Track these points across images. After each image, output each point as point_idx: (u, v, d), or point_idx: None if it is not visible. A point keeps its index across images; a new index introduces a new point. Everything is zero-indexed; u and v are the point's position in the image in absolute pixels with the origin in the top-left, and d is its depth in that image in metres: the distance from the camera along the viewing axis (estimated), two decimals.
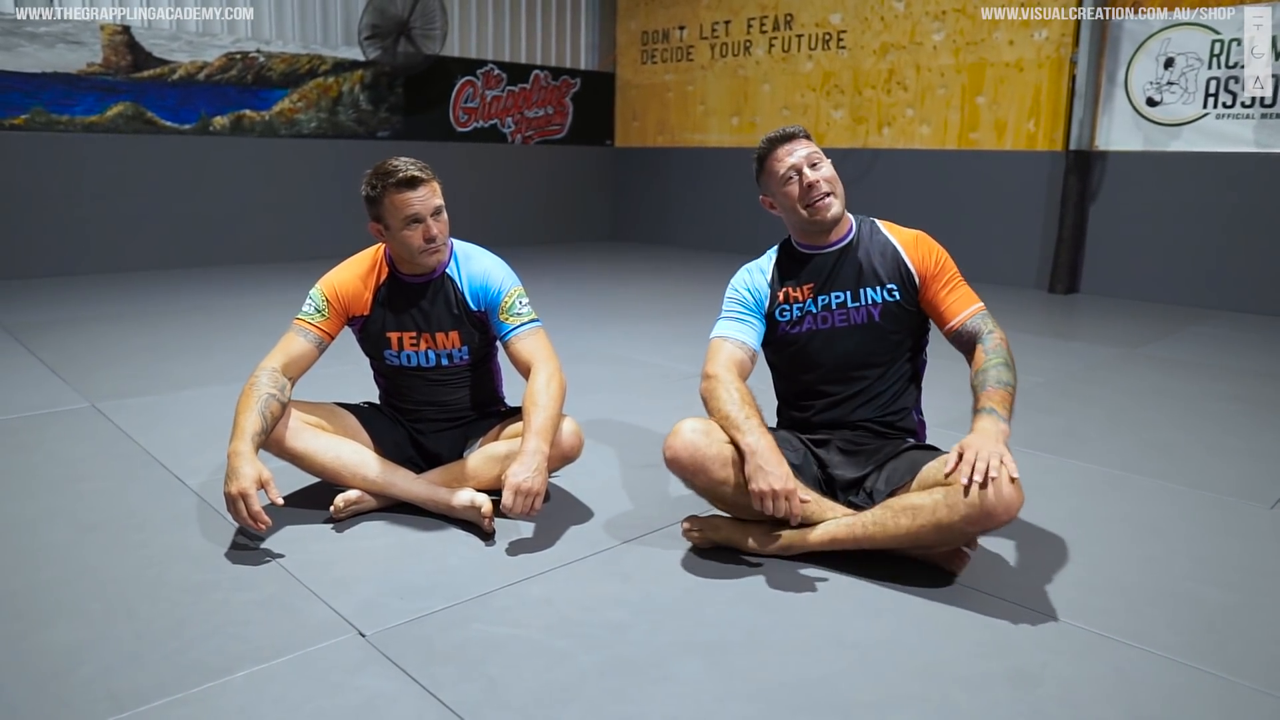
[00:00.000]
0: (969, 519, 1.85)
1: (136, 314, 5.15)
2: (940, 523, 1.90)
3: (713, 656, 1.72)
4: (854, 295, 2.23)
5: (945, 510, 1.88)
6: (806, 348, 2.26)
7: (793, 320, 2.27)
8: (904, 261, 2.23)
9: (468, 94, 8.57)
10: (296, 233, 7.52)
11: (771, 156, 2.23)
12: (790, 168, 2.20)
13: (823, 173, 2.20)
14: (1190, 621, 1.88)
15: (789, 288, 2.27)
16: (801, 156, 2.20)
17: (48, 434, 3.00)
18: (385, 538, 2.24)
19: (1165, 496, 2.62)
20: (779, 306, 2.28)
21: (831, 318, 2.24)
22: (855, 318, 2.23)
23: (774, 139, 2.24)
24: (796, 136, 2.23)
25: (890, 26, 7.39)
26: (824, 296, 2.24)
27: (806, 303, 2.25)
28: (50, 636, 1.75)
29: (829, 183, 2.20)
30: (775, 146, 2.23)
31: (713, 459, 2.05)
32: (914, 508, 1.95)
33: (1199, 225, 6.05)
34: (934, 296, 2.21)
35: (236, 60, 7.15)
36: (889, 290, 2.22)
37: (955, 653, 1.75)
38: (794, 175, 2.20)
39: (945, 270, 2.22)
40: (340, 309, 2.38)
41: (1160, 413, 3.49)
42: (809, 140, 2.25)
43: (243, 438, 2.12)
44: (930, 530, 1.92)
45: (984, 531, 1.91)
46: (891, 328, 2.23)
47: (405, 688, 1.60)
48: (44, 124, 6.34)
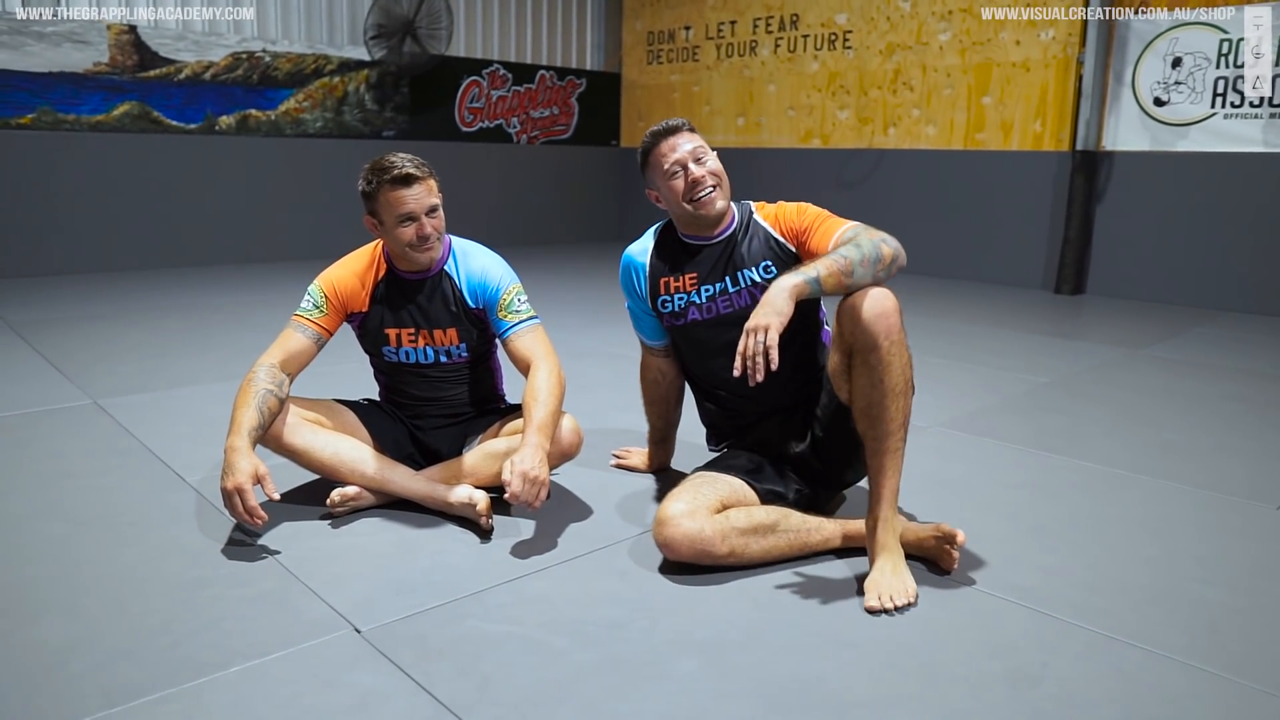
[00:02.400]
0: (877, 332, 1.87)
1: (139, 312, 5.16)
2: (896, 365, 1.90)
3: (710, 655, 1.70)
4: (733, 280, 2.22)
5: (872, 319, 1.88)
6: (696, 337, 2.28)
7: (675, 312, 2.28)
8: (773, 237, 2.22)
9: (473, 94, 8.57)
10: (301, 232, 7.53)
11: (655, 150, 2.22)
12: (675, 162, 2.19)
13: (708, 166, 2.20)
14: (1193, 622, 1.86)
15: (670, 278, 2.29)
16: (686, 151, 2.19)
17: (48, 429, 3.00)
18: (382, 534, 2.23)
19: (1170, 497, 2.60)
20: (660, 298, 2.30)
21: (716, 306, 2.24)
22: (738, 302, 2.22)
23: (658, 132, 2.23)
24: (680, 130, 2.22)
25: (896, 27, 7.37)
26: (708, 287, 2.24)
27: (690, 294, 2.26)
28: (43, 631, 1.74)
29: (714, 176, 2.20)
30: (659, 140, 2.22)
31: (710, 539, 1.96)
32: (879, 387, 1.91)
33: (1207, 226, 6.01)
34: (808, 246, 2.14)
35: (242, 60, 7.16)
36: (764, 268, 2.21)
37: (954, 652, 1.73)
38: (679, 170, 2.19)
39: (807, 217, 2.18)
40: (339, 305, 2.37)
41: (1165, 413, 3.46)
42: (693, 133, 2.23)
43: (240, 433, 2.11)
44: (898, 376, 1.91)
45: (890, 326, 1.89)
46: None
47: (400, 684, 1.59)
48: (50, 123, 6.36)
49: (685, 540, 1.96)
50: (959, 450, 2.96)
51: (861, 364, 1.93)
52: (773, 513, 2.06)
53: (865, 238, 1.99)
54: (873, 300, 1.90)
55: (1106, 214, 6.43)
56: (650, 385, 2.55)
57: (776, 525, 2.04)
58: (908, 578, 1.92)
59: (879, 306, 1.89)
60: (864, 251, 1.93)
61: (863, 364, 1.93)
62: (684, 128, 2.23)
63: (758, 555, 2.03)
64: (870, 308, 1.89)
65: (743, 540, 2.00)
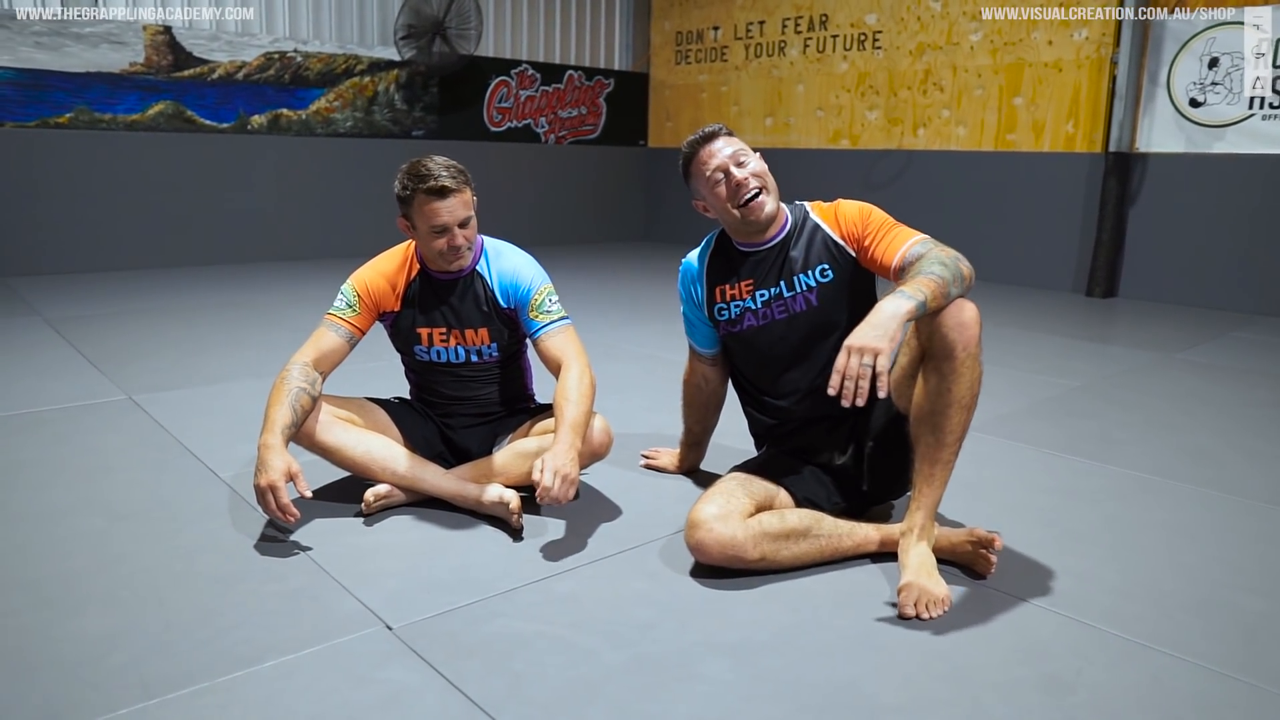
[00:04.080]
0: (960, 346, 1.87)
1: (174, 309, 5.23)
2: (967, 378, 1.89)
3: (739, 656, 1.70)
4: (789, 285, 2.19)
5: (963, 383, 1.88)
6: (753, 344, 2.24)
7: (732, 319, 2.26)
8: (830, 238, 2.17)
9: (502, 94, 8.60)
10: (331, 230, 7.60)
11: (695, 159, 2.19)
12: (716, 169, 2.15)
13: (751, 169, 2.15)
14: (1228, 630, 1.84)
15: (726, 285, 2.25)
16: (727, 156, 2.15)
17: (85, 425, 3.05)
18: (413, 532, 2.25)
19: (1203, 503, 2.56)
20: (717, 305, 2.27)
21: (771, 313, 2.20)
22: (794, 306, 2.19)
23: (696, 141, 2.19)
24: (717, 135, 2.18)
25: (927, 27, 7.32)
26: (762, 292, 2.21)
27: (746, 300, 2.23)
28: (82, 624, 1.77)
29: (758, 178, 2.15)
30: (698, 148, 2.19)
31: (742, 544, 1.95)
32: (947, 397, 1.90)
33: (1242, 228, 5.92)
34: (870, 254, 2.10)
35: (274, 60, 7.23)
36: (820, 271, 2.17)
37: (986, 657, 1.72)
38: (721, 176, 2.15)
39: (871, 224, 2.12)
40: (371, 304, 2.39)
41: (1198, 418, 3.42)
42: (731, 137, 2.20)
43: (273, 430, 2.13)
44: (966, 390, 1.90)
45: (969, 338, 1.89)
46: (832, 306, 2.17)
47: (430, 681, 1.60)
48: (87, 122, 6.45)
49: (717, 545, 1.95)
50: (990, 454, 2.94)
51: (933, 370, 1.92)
52: (806, 517, 2.05)
53: (941, 253, 1.97)
54: (956, 308, 1.89)
55: (1140, 216, 6.36)
56: (693, 390, 2.53)
57: (809, 530, 2.04)
58: (941, 584, 1.91)
59: (962, 316, 1.89)
60: (951, 271, 1.91)
61: (934, 371, 1.92)
62: (721, 132, 2.19)
63: (789, 560, 2.02)
64: (953, 315, 1.88)
65: (774, 545, 1.99)
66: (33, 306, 5.16)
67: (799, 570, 2.04)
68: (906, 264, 2.01)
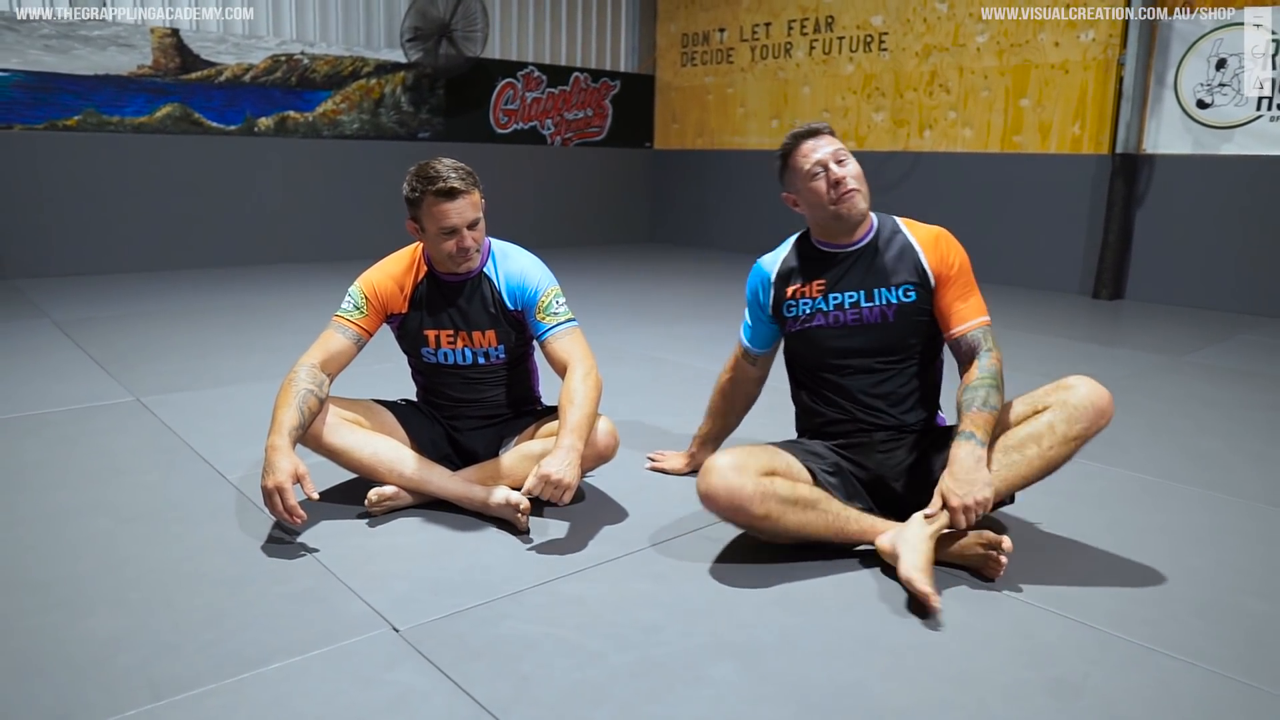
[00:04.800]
0: (1090, 422, 2.04)
1: (182, 311, 5.24)
2: (1066, 436, 2.03)
3: (745, 658, 1.70)
4: (868, 295, 2.21)
5: (1065, 425, 2.03)
6: (818, 344, 2.25)
7: (800, 316, 2.27)
8: (921, 262, 2.21)
9: (508, 96, 8.62)
10: (338, 232, 7.61)
11: (797, 151, 2.22)
12: (816, 163, 2.18)
13: (849, 169, 2.19)
14: (1237, 635, 1.83)
15: (798, 284, 2.28)
16: (828, 153, 2.18)
17: (93, 427, 3.06)
18: (420, 534, 2.25)
19: (1211, 506, 2.56)
20: (786, 302, 2.30)
21: (844, 316, 2.22)
22: (869, 317, 2.21)
23: (799, 134, 2.23)
24: (822, 132, 2.22)
25: (933, 28, 7.31)
26: (836, 295, 2.23)
27: (816, 300, 2.25)
28: (91, 625, 1.78)
29: (856, 179, 2.18)
30: (800, 141, 2.22)
31: (750, 497, 1.98)
32: (1034, 437, 2.05)
33: (1250, 230, 5.91)
34: (945, 300, 2.20)
35: (281, 62, 7.25)
36: (904, 290, 2.20)
37: (993, 661, 1.72)
38: (820, 171, 2.18)
39: (961, 275, 2.21)
40: (379, 306, 2.40)
41: (1205, 421, 3.41)
42: (834, 136, 2.24)
43: (280, 432, 2.14)
44: (1059, 447, 2.04)
45: (1099, 430, 2.06)
46: (906, 328, 2.21)
47: (438, 684, 1.61)
48: (95, 125, 6.48)
49: (725, 492, 1.97)
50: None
51: (1049, 426, 2.05)
52: (816, 491, 2.08)
53: (992, 362, 2.11)
54: (1102, 394, 2.05)
55: (1147, 218, 6.34)
56: (728, 384, 2.56)
57: (818, 503, 2.06)
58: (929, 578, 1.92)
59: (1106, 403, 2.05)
60: (999, 395, 2.07)
61: (1049, 426, 2.05)
62: (825, 130, 2.23)
63: (794, 527, 2.03)
64: (1101, 398, 2.05)
65: (780, 508, 2.01)
66: (41, 308, 5.18)
67: (803, 568, 2.04)
68: (964, 343, 2.17)
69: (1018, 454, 2.05)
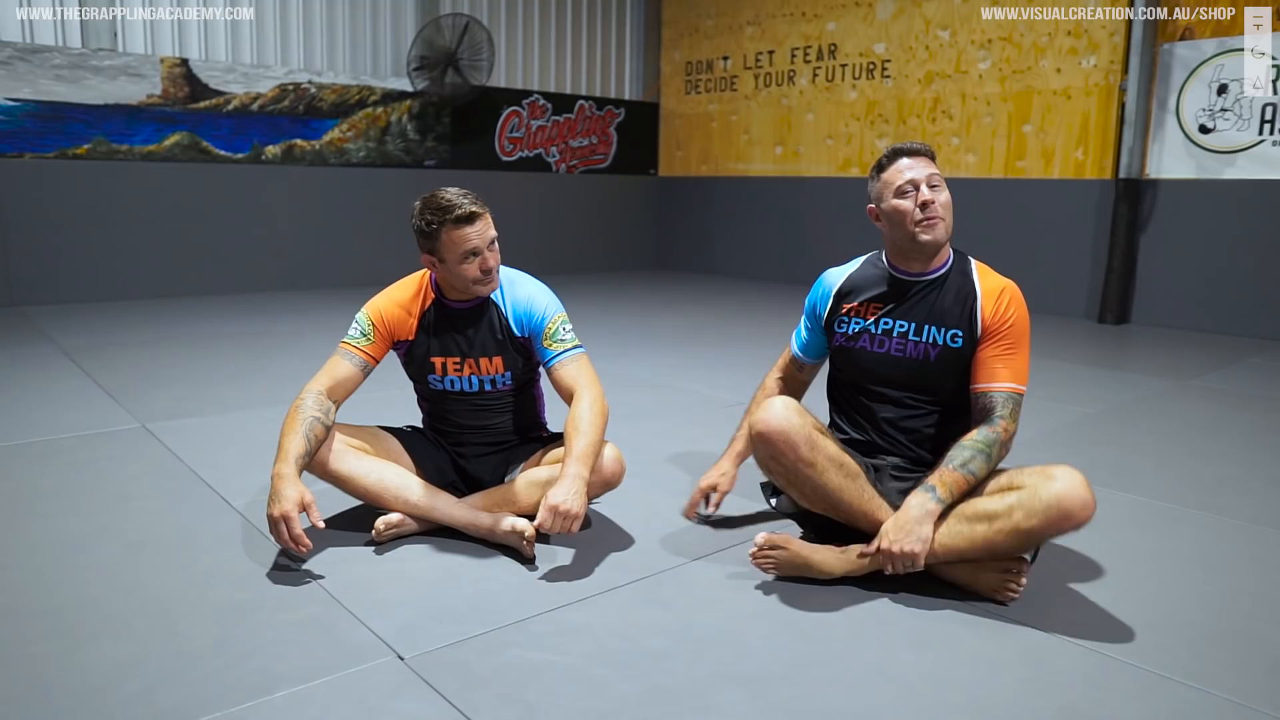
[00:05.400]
0: (1049, 522, 1.89)
1: (189, 338, 5.26)
2: (1019, 528, 1.92)
3: (753, 687, 1.69)
4: (917, 329, 2.19)
5: (1022, 514, 1.91)
6: (859, 364, 2.25)
7: (849, 335, 2.27)
8: (976, 312, 2.15)
9: (513, 124, 8.68)
10: (345, 259, 7.65)
11: (893, 165, 2.17)
12: (909, 181, 2.14)
13: (940, 196, 2.15)
14: (1251, 662, 1.81)
15: (855, 302, 2.27)
16: (923, 174, 2.14)
17: (99, 453, 3.06)
18: (426, 561, 2.24)
19: (1224, 532, 2.54)
20: (839, 318, 2.29)
21: (889, 343, 2.21)
22: (911, 352, 2.19)
23: (900, 149, 2.18)
24: (922, 154, 2.18)
25: (935, 55, 7.36)
26: (887, 321, 2.21)
27: (868, 321, 2.24)
28: (96, 651, 1.77)
29: (944, 208, 2.16)
30: (899, 157, 2.17)
31: (805, 438, 2.02)
32: (989, 514, 1.95)
33: (1255, 254, 5.91)
34: (983, 353, 2.13)
35: (289, 91, 7.32)
36: (952, 335, 2.16)
37: (1004, 689, 1.70)
38: (911, 190, 2.14)
39: (1011, 335, 2.13)
40: (386, 333, 2.40)
41: (1217, 446, 3.39)
42: (933, 161, 2.19)
43: (286, 460, 2.14)
44: (1008, 535, 1.93)
45: (1061, 533, 1.94)
46: (943, 372, 2.17)
47: (443, 712, 1.59)
48: (105, 153, 6.54)
49: (781, 426, 2.01)
50: None
51: (1008, 510, 1.93)
52: (858, 466, 2.11)
53: (997, 445, 2.03)
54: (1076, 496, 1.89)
55: (1151, 242, 6.35)
56: (777, 384, 2.51)
57: (858, 476, 2.10)
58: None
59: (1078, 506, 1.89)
60: (991, 464, 2.02)
61: (1009, 510, 1.93)
62: (925, 152, 2.19)
63: (832, 488, 2.05)
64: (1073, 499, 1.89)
65: (826, 462, 2.04)
66: (49, 335, 5.20)
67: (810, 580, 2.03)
68: (980, 404, 2.11)
69: (966, 526, 1.98)
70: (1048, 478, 1.92)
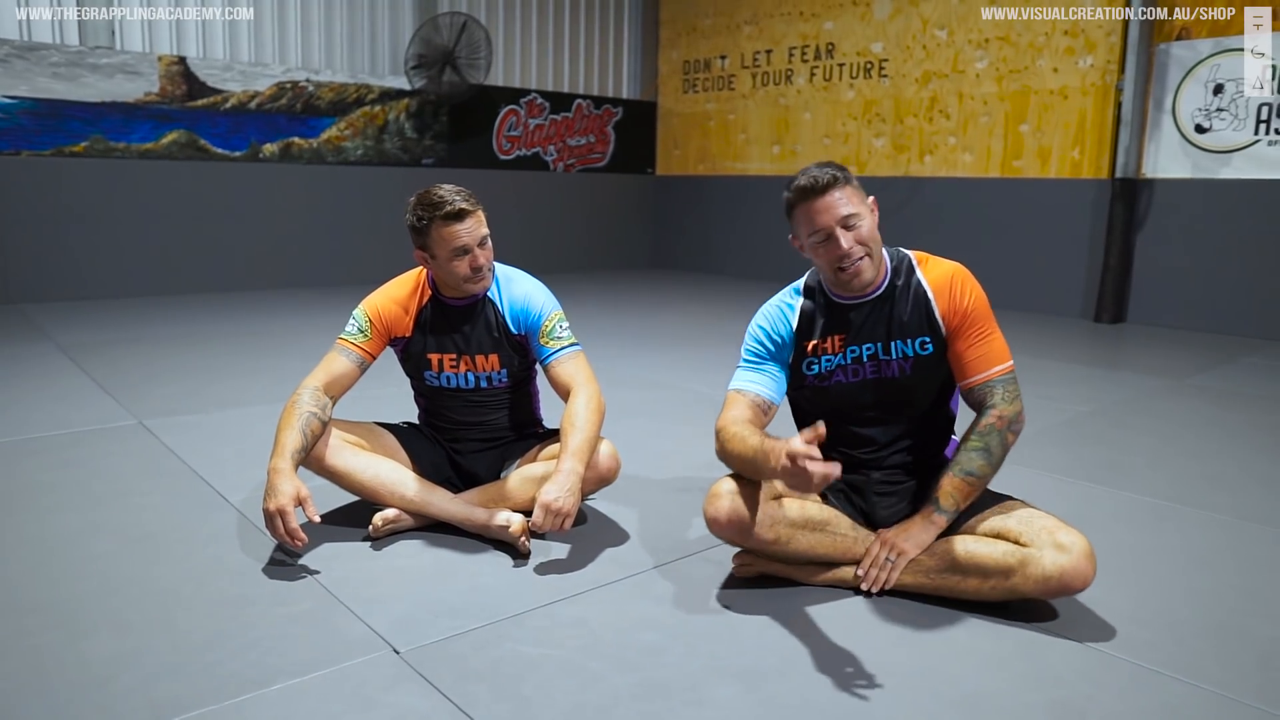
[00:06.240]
0: (1045, 591, 1.88)
1: (185, 335, 5.26)
2: (1013, 589, 1.91)
3: (747, 681, 1.70)
4: (884, 348, 2.08)
5: (1019, 579, 1.89)
6: (834, 400, 2.13)
7: (821, 374, 2.12)
8: (932, 308, 2.06)
9: (511, 122, 8.68)
10: (342, 257, 7.65)
11: (802, 209, 2.01)
12: (819, 229, 1.99)
13: (859, 232, 1.98)
14: (1241, 657, 1.83)
15: (817, 340, 2.12)
16: (834, 218, 1.97)
17: (97, 450, 3.06)
18: (421, 556, 2.25)
19: (1214, 528, 2.55)
20: (807, 359, 2.13)
21: (863, 370, 2.10)
22: (886, 371, 2.09)
23: (806, 190, 1.98)
24: (832, 188, 1.97)
25: (932, 55, 7.37)
26: (854, 348, 2.09)
27: (836, 356, 2.10)
28: (92, 646, 1.78)
29: (863, 246, 1.99)
30: (808, 200, 1.98)
31: (759, 523, 1.96)
32: (983, 569, 1.93)
33: (1250, 253, 5.92)
34: (957, 349, 2.05)
35: (286, 89, 7.32)
36: (920, 343, 2.07)
37: (996, 684, 1.71)
38: (823, 239, 2.00)
39: (974, 321, 2.04)
40: (382, 330, 2.41)
41: (1209, 444, 3.40)
42: (844, 187, 1.99)
43: (283, 455, 2.14)
44: (999, 593, 1.93)
45: (1054, 598, 1.93)
46: (923, 380, 2.10)
47: (438, 706, 1.60)
48: (102, 151, 6.54)
49: (732, 518, 1.96)
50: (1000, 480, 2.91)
51: (1004, 572, 1.91)
52: (826, 511, 2.07)
53: (995, 432, 2.00)
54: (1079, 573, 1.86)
55: (1147, 241, 6.36)
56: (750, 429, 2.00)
57: (827, 524, 2.05)
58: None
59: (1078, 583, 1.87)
60: (995, 456, 2.00)
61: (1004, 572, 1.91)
62: (836, 184, 1.98)
63: (804, 549, 2.03)
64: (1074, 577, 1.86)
65: (790, 531, 2.01)
66: (46, 332, 5.21)
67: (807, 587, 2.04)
68: (975, 395, 2.05)
69: (959, 576, 1.96)
70: (1057, 548, 1.86)
